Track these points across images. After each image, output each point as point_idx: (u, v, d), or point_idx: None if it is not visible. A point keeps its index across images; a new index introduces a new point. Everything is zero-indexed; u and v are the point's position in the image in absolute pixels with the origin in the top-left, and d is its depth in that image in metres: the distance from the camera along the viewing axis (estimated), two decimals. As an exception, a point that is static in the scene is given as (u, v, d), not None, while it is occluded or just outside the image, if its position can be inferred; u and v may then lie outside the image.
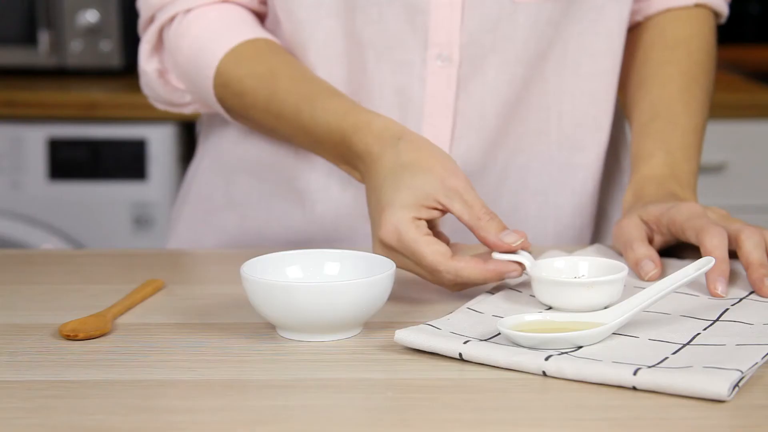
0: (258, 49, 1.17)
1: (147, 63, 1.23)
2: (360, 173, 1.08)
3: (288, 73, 1.15)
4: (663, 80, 1.21)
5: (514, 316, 0.88)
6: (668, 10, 1.25)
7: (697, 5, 1.25)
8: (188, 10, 1.19)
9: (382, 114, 1.08)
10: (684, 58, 1.22)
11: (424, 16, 1.16)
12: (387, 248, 0.98)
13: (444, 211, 0.99)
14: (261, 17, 1.25)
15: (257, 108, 1.16)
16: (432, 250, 0.96)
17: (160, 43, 1.22)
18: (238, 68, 1.16)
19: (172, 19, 1.20)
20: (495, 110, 1.19)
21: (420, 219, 0.98)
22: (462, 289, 0.99)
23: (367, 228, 1.21)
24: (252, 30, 1.19)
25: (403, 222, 0.97)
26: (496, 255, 0.96)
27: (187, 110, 1.25)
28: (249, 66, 1.16)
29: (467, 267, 0.95)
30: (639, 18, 1.26)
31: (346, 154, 1.09)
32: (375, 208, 1.01)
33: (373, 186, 1.03)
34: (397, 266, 0.97)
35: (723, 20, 1.29)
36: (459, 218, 0.98)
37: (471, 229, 0.98)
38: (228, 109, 1.20)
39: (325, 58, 1.18)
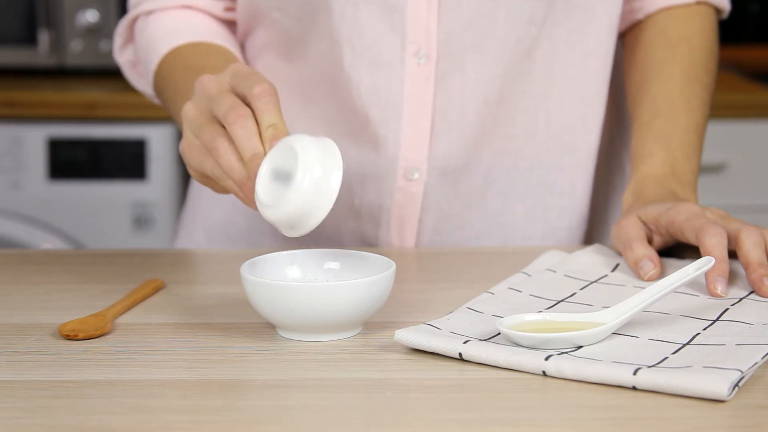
0: (200, 49, 1.19)
1: (119, 55, 1.30)
2: None
3: (215, 67, 1.15)
4: (664, 78, 1.20)
5: (514, 316, 0.88)
6: (669, 8, 1.24)
7: (698, 2, 1.25)
8: (150, 12, 1.24)
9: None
10: (685, 56, 1.22)
11: (401, 14, 1.15)
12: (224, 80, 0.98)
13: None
14: (229, 24, 1.27)
15: (168, 89, 1.19)
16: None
17: (131, 35, 1.28)
18: (175, 60, 1.19)
19: (137, 18, 1.26)
20: (476, 109, 1.18)
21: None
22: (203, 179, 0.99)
23: (350, 224, 1.22)
24: (202, 34, 1.21)
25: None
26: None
27: (157, 101, 1.28)
28: (185, 59, 1.18)
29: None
30: (640, 16, 1.26)
31: None
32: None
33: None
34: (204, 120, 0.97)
35: (725, 15, 1.28)
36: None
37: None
38: (160, 99, 1.24)
39: (300, 57, 1.19)
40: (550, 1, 1.17)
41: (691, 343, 0.85)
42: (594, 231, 1.31)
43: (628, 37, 1.28)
